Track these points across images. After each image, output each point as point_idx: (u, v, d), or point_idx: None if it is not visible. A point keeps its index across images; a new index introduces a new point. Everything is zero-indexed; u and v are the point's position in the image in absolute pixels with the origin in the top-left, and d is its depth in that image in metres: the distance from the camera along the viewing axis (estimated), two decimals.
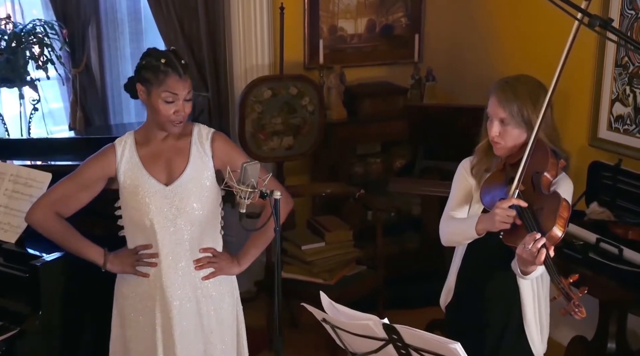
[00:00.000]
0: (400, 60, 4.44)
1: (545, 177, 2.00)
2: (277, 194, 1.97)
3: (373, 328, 1.71)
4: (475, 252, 2.23)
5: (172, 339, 2.33)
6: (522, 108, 2.06)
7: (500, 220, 1.97)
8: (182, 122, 2.30)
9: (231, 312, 2.50)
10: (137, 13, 4.40)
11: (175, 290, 2.34)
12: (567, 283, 1.78)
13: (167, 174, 2.33)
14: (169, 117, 2.26)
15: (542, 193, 1.98)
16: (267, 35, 3.99)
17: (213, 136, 2.39)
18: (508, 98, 2.07)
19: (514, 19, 3.94)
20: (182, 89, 2.25)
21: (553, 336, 3.51)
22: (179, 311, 2.34)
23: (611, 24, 1.48)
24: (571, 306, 1.76)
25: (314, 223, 3.79)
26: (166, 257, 2.33)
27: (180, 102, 2.25)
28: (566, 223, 1.88)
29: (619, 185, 3.08)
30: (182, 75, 2.25)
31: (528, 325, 2.17)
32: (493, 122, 2.11)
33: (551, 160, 2.02)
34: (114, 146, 2.36)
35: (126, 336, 2.39)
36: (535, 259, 1.82)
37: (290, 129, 3.97)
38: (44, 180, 2.65)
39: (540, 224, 1.89)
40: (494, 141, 2.12)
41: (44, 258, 2.51)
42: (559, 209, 1.87)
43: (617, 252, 2.77)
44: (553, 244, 1.87)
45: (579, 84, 3.49)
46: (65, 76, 4.06)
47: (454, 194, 2.30)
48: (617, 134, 3.31)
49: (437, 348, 1.63)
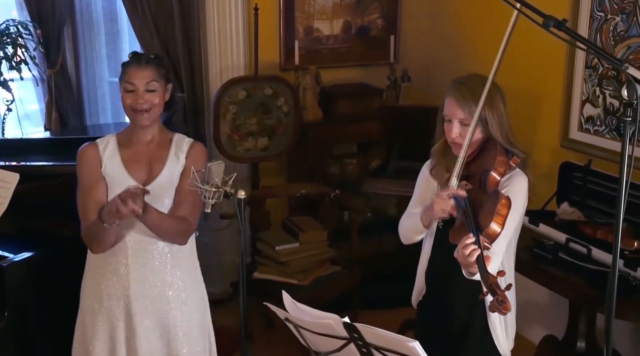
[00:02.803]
0: (376, 61, 4.45)
1: (491, 175, 2.03)
2: (242, 194, 1.97)
3: (334, 327, 1.71)
4: (438, 252, 2.25)
5: (134, 339, 2.33)
6: (481, 109, 2.06)
7: (439, 208, 2.02)
8: (149, 114, 2.32)
9: (200, 316, 2.49)
10: (113, 14, 4.40)
11: (142, 290, 2.34)
12: (494, 280, 1.81)
13: (146, 175, 2.36)
14: (131, 106, 2.31)
15: (486, 191, 2.02)
16: (242, 36, 3.99)
17: (192, 143, 2.44)
18: (466, 98, 2.09)
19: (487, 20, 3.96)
20: (140, 78, 2.30)
21: (524, 335, 3.56)
22: (143, 312, 2.34)
23: (565, 24, 1.49)
24: (495, 303, 1.78)
25: (288, 223, 3.79)
26: (134, 255, 2.33)
27: (140, 90, 2.30)
28: (505, 220, 1.91)
29: (589, 185, 3.10)
30: (140, 63, 2.32)
31: (492, 322, 2.18)
32: (452, 123, 2.12)
33: (499, 158, 2.04)
34: (96, 144, 2.39)
35: (87, 336, 2.38)
36: (467, 259, 1.85)
37: (265, 130, 3.97)
38: (11, 180, 2.63)
39: (479, 221, 1.92)
40: (454, 143, 2.13)
41: (11, 258, 2.49)
42: (497, 206, 1.90)
43: (586, 252, 2.80)
44: (491, 240, 1.91)
45: (550, 85, 3.52)
46: (39, 77, 4.05)
47: (415, 193, 2.34)
48: (588, 135, 3.33)
49: (396, 347, 1.63)
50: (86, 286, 2.40)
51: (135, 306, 2.33)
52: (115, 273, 2.33)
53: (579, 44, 1.60)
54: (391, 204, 4.38)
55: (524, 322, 3.59)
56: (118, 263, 2.33)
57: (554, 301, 3.40)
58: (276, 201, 4.16)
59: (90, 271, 2.40)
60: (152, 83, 2.32)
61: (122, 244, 2.33)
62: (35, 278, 2.55)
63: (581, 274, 2.75)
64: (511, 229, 2.08)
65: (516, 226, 2.13)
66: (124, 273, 2.33)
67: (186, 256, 2.44)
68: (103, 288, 2.35)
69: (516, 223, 2.11)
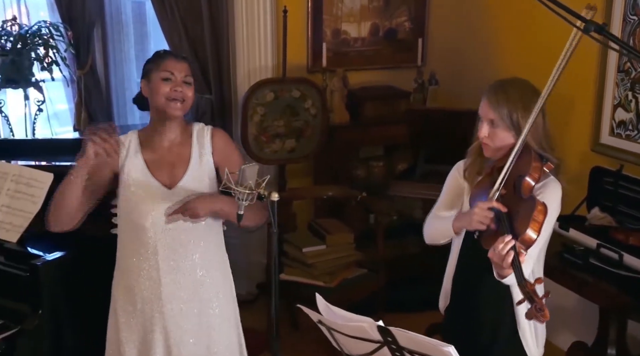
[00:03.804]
0: (403, 64, 4.45)
1: (526, 181, 1.99)
2: (275, 196, 1.98)
3: (368, 331, 1.71)
4: (467, 256, 2.23)
5: (169, 341, 2.34)
6: (512, 112, 2.06)
7: (477, 220, 1.99)
8: (183, 106, 2.32)
9: (231, 310, 2.51)
10: (142, 16, 4.44)
11: (174, 292, 2.35)
12: (531, 286, 1.78)
13: (169, 178, 2.35)
14: (168, 95, 2.29)
15: (521, 197, 1.98)
16: (270, 38, 4.01)
17: (212, 131, 2.44)
18: (499, 101, 2.07)
19: (517, 23, 3.94)
20: (179, 70, 2.32)
21: (553, 341, 3.53)
22: (177, 314, 2.35)
23: (606, 28, 1.48)
24: (533, 310, 1.75)
25: (315, 225, 3.80)
26: (164, 259, 2.33)
27: (178, 80, 2.31)
28: (541, 226, 1.88)
29: (621, 191, 3.06)
30: (178, 57, 2.36)
31: (521, 328, 2.16)
32: (483, 123, 2.12)
33: (534, 164, 2.01)
34: (120, 140, 2.35)
35: (121, 338, 2.39)
36: (503, 261, 1.83)
37: (292, 132, 3.98)
38: (45, 180, 2.67)
39: (515, 227, 1.90)
40: (482, 143, 2.14)
41: (44, 257, 2.52)
42: (533, 212, 1.87)
43: (618, 258, 2.76)
44: (527, 247, 1.88)
45: (581, 89, 3.49)
46: (70, 78, 4.09)
47: (443, 194, 2.31)
48: (619, 140, 3.30)
49: (431, 351, 1.63)
50: (118, 288, 2.41)
51: (168, 309, 2.34)
52: (149, 277, 2.34)
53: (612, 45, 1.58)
54: (417, 208, 4.36)
55: (552, 328, 3.55)
56: (150, 267, 2.34)
57: (584, 307, 3.36)
58: (302, 203, 4.17)
59: (121, 274, 2.40)
60: (189, 77, 2.35)
61: (153, 249, 2.33)
62: (66, 277, 2.58)
63: (612, 281, 2.71)
64: (544, 237, 2.06)
65: (548, 234, 2.11)
66: (156, 277, 2.34)
67: (215, 253, 2.45)
68: (136, 291, 2.36)
69: (548, 232, 2.09)
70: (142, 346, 2.37)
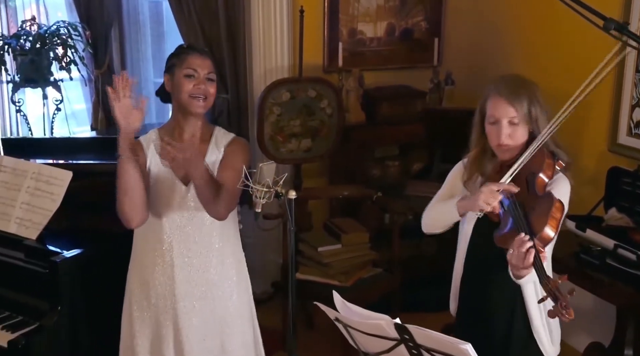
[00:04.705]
0: (419, 64, 4.44)
1: (540, 178, 1.97)
2: (292, 194, 1.98)
3: (385, 328, 1.71)
4: (475, 258, 2.19)
5: (181, 338, 2.36)
6: (531, 106, 2.02)
7: (484, 199, 1.94)
8: (205, 103, 2.34)
9: (247, 308, 2.52)
10: (159, 15, 4.47)
11: (188, 289, 2.37)
12: (555, 284, 1.74)
13: (186, 175, 2.35)
14: (191, 92, 2.31)
15: (536, 194, 1.95)
16: (286, 38, 4.02)
17: (233, 139, 2.43)
18: (519, 96, 2.02)
19: (534, 22, 3.93)
20: (203, 67, 2.33)
21: (569, 342, 3.51)
22: (190, 311, 2.37)
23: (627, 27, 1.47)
24: (558, 308, 1.72)
25: (330, 225, 3.80)
26: (179, 256, 2.35)
27: (201, 78, 2.32)
28: (559, 224, 1.86)
29: (638, 191, 3.05)
30: (202, 53, 2.37)
31: (535, 328, 2.12)
32: (501, 124, 2.04)
33: (547, 161, 1.99)
34: (139, 141, 2.40)
35: (134, 331, 2.41)
36: (524, 261, 1.80)
37: (308, 132, 3.99)
38: (64, 178, 2.69)
39: (532, 224, 1.87)
40: (502, 145, 2.04)
41: (63, 254, 2.54)
42: (551, 209, 1.85)
43: (635, 258, 2.75)
44: (545, 245, 1.86)
45: (598, 89, 3.42)
46: (87, 77, 4.12)
47: (445, 187, 2.28)
48: (637, 140, 3.28)
49: (448, 349, 1.63)
50: (134, 282, 2.43)
51: (181, 306, 2.36)
52: (163, 273, 2.37)
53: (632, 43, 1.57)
54: None
55: (569, 329, 3.53)
56: (165, 264, 2.36)
57: (600, 308, 3.34)
58: (318, 202, 4.18)
59: (137, 268, 2.43)
60: (212, 74, 2.36)
61: (168, 245, 2.35)
62: (83, 274, 2.60)
63: (629, 281, 2.70)
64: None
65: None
66: (170, 273, 2.36)
67: (230, 253, 2.46)
68: (151, 286, 2.38)
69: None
70: (154, 341, 2.40)
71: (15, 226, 2.69)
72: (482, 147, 2.14)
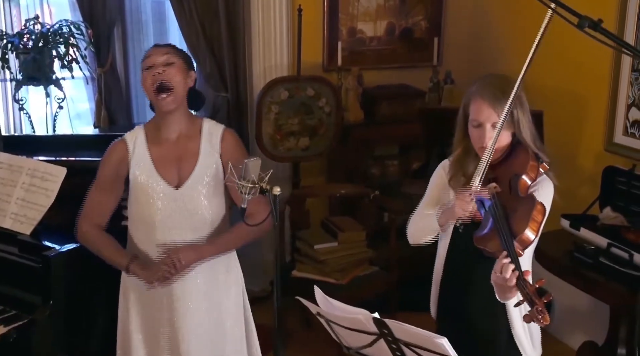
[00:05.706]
0: (419, 63, 4.45)
1: (523, 180, 1.95)
2: (277, 190, 2.00)
3: (364, 322, 1.73)
4: (455, 259, 2.16)
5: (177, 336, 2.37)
6: (514, 109, 1.98)
7: (459, 209, 1.93)
8: (173, 96, 2.28)
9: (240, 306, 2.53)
10: (162, 14, 4.49)
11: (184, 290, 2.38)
12: (532, 288, 1.73)
13: (177, 176, 2.35)
14: (152, 82, 2.26)
15: (518, 196, 1.94)
16: (286, 37, 4.04)
17: (224, 133, 2.41)
18: (498, 98, 1.98)
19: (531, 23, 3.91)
20: (158, 54, 2.29)
21: (563, 341, 3.51)
22: (185, 311, 2.38)
23: (601, 25, 1.48)
24: (534, 313, 1.70)
25: (328, 223, 3.82)
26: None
27: (158, 62, 2.27)
28: (540, 227, 1.84)
29: (633, 190, 3.05)
30: (159, 46, 2.35)
31: (516, 332, 2.09)
32: (484, 127, 2.01)
33: (531, 163, 1.97)
34: (125, 141, 2.39)
35: (130, 328, 2.43)
36: (507, 281, 1.77)
37: (306, 130, 4.01)
38: (59, 174, 2.72)
39: (512, 226, 1.85)
40: (485, 147, 2.00)
41: (56, 249, 2.57)
42: (532, 212, 1.83)
43: (628, 257, 2.75)
44: (524, 247, 1.84)
45: (595, 88, 3.46)
46: (90, 76, 4.16)
47: (429, 192, 2.24)
48: (633, 139, 3.27)
49: (425, 343, 1.64)
50: (129, 279, 2.43)
51: (177, 306, 2.37)
52: None
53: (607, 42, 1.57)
54: None
55: (563, 328, 3.54)
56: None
57: (594, 307, 3.34)
58: (316, 200, 4.19)
59: None
60: (169, 56, 2.29)
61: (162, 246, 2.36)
62: (77, 269, 2.61)
63: (623, 280, 2.70)
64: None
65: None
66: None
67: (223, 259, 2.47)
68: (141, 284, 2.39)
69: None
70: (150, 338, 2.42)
71: (10, 221, 2.73)
72: (465, 148, 2.12)
